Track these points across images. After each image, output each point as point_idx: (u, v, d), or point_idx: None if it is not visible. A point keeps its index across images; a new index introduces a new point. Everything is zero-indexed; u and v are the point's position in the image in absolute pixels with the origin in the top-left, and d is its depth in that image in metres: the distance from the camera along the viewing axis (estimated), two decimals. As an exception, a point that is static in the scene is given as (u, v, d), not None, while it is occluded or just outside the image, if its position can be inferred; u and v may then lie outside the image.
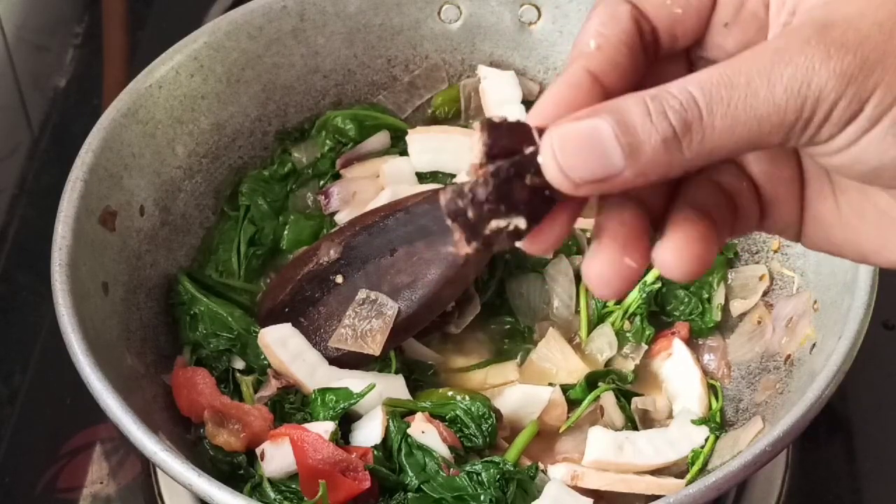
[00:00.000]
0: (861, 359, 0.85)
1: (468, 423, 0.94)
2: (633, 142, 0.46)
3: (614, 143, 0.46)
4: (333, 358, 0.97)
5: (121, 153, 0.98)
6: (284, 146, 1.10)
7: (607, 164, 0.47)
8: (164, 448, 0.81)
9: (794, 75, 0.46)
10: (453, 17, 1.11)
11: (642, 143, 0.46)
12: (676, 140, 0.47)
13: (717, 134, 0.47)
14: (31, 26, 1.40)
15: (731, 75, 0.47)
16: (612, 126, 0.46)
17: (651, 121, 0.46)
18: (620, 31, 0.50)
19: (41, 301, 1.11)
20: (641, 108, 0.47)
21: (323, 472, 0.87)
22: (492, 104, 1.10)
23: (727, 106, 0.46)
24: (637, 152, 0.46)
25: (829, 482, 1.05)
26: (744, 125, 0.47)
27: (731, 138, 0.47)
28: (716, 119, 0.46)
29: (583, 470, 0.92)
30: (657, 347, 1.01)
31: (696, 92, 0.47)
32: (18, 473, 1.06)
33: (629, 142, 0.46)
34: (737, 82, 0.47)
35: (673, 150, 0.47)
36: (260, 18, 1.06)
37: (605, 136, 0.46)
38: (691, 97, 0.47)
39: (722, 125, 0.47)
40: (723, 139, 0.47)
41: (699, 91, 0.47)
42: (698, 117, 0.46)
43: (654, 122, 0.46)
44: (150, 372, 0.96)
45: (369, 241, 1.00)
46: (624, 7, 0.51)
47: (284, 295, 1.01)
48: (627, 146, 0.46)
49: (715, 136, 0.47)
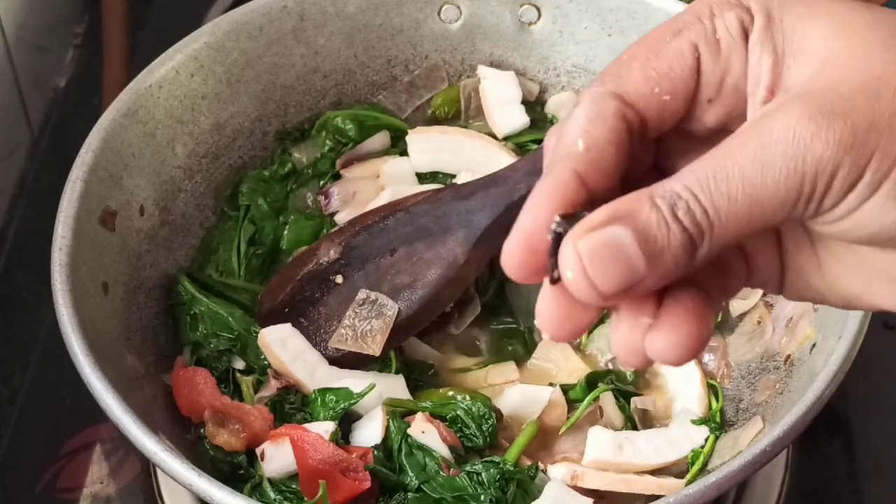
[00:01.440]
0: (861, 359, 0.85)
1: (468, 423, 0.94)
2: (653, 249, 0.47)
3: (637, 251, 0.47)
4: (333, 358, 0.97)
5: (121, 153, 0.98)
6: (284, 146, 1.10)
7: (633, 275, 0.47)
8: (164, 448, 0.81)
9: (787, 154, 0.46)
10: (453, 17, 1.11)
11: (663, 250, 0.47)
12: (692, 242, 0.47)
13: (726, 228, 0.47)
14: (31, 26, 1.40)
15: (724, 167, 0.47)
16: (632, 234, 0.47)
17: (668, 226, 0.47)
18: (607, 130, 0.50)
19: (41, 301, 1.11)
20: (655, 212, 0.47)
21: (323, 472, 0.87)
22: (492, 104, 1.10)
23: (728, 201, 0.47)
24: (658, 259, 0.47)
25: (829, 482, 1.05)
26: (748, 214, 0.47)
27: (740, 228, 0.47)
28: (721, 216, 0.47)
29: (583, 470, 0.92)
30: (657, 347, 1.01)
31: (699, 192, 0.47)
32: (18, 473, 1.06)
33: (650, 249, 0.47)
34: (732, 174, 0.47)
35: (689, 252, 0.47)
36: (260, 18, 1.06)
37: (627, 246, 0.47)
38: (695, 199, 0.47)
39: (727, 220, 0.47)
40: (733, 231, 0.47)
41: (700, 190, 0.47)
42: (705, 217, 0.47)
43: (671, 228, 0.47)
44: (150, 372, 0.96)
45: (369, 242, 1.00)
46: (611, 103, 0.50)
47: (284, 295, 1.01)
48: (649, 253, 0.47)
49: (725, 230, 0.47)
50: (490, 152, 1.07)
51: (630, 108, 0.50)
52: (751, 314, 1.01)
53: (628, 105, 0.50)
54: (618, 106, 0.50)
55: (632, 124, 0.50)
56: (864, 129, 0.47)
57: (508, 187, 0.95)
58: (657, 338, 0.49)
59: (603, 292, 0.47)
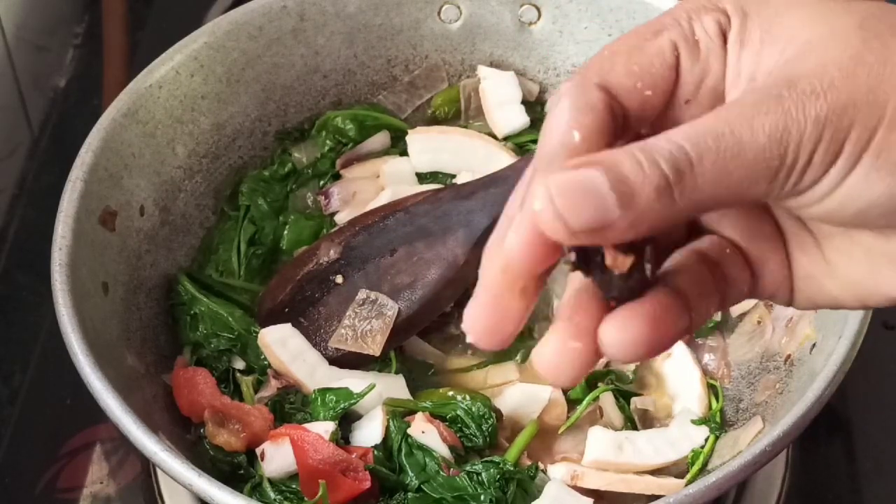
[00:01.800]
0: (861, 359, 0.85)
1: (468, 423, 0.94)
2: (626, 191, 0.46)
3: (609, 192, 0.46)
4: (333, 358, 0.97)
5: (121, 153, 0.98)
6: (284, 146, 1.10)
7: (603, 213, 0.46)
8: (164, 448, 0.81)
9: (775, 123, 0.47)
10: (453, 17, 1.11)
11: (636, 192, 0.46)
12: (669, 188, 0.47)
13: (707, 181, 0.47)
14: (31, 26, 1.40)
15: (715, 125, 0.47)
16: (605, 176, 0.46)
17: (643, 170, 0.47)
18: (600, 121, 0.50)
19: (41, 301, 1.11)
20: (632, 158, 0.47)
21: (323, 472, 0.87)
22: (492, 104, 1.10)
23: (715, 153, 0.47)
24: (631, 201, 0.46)
25: (829, 482, 1.05)
26: (732, 172, 0.47)
27: (721, 186, 0.47)
28: (705, 167, 0.47)
29: (582, 470, 0.92)
30: (657, 347, 1.01)
31: (685, 142, 0.47)
32: (18, 473, 1.06)
33: (623, 191, 0.46)
34: (722, 131, 0.47)
35: (665, 199, 0.47)
36: (260, 18, 1.06)
37: (599, 186, 0.46)
38: (681, 147, 0.47)
39: (712, 172, 0.47)
40: (713, 187, 0.47)
41: (687, 141, 0.47)
42: (689, 166, 0.47)
43: (647, 172, 0.46)
44: (150, 372, 0.96)
45: (369, 242, 1.00)
46: (598, 94, 0.50)
47: (284, 295, 1.01)
48: (622, 195, 0.46)
49: (706, 183, 0.47)
50: (490, 152, 1.07)
51: (615, 101, 0.51)
52: (751, 314, 1.01)
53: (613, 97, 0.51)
54: (605, 97, 0.50)
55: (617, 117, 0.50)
56: (842, 104, 0.47)
57: (508, 187, 0.94)
58: (607, 329, 0.49)
59: (571, 227, 0.46)
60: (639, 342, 0.49)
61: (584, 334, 0.49)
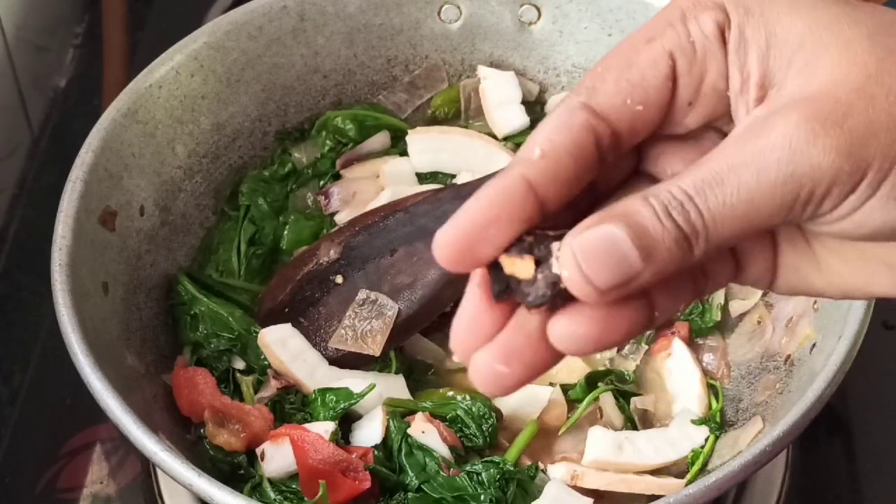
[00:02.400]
0: (861, 359, 0.85)
1: (468, 423, 0.94)
2: (648, 244, 0.47)
3: (632, 248, 0.47)
4: (333, 358, 0.97)
5: (121, 153, 0.98)
6: (284, 146, 1.11)
7: (628, 270, 0.47)
8: (164, 448, 0.81)
9: (783, 160, 0.47)
10: (453, 17, 1.11)
11: (657, 245, 0.47)
12: (687, 240, 0.47)
13: (721, 230, 0.47)
14: (31, 26, 1.40)
15: (719, 171, 0.47)
16: (625, 231, 0.47)
17: (661, 223, 0.47)
18: (570, 142, 0.49)
19: (41, 301, 1.11)
20: (648, 210, 0.47)
21: (323, 472, 0.87)
22: (492, 105, 1.10)
23: (723, 205, 0.47)
24: (653, 254, 0.47)
25: (829, 482, 1.05)
26: (744, 217, 0.47)
27: (735, 230, 0.48)
28: (716, 218, 0.47)
29: (582, 470, 0.92)
30: (657, 347, 1.01)
31: (693, 194, 0.47)
32: (18, 473, 1.06)
33: (644, 244, 0.47)
34: (728, 179, 0.47)
35: (684, 249, 0.47)
36: (260, 18, 1.06)
37: (621, 243, 0.47)
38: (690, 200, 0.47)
39: (722, 222, 0.47)
40: (728, 233, 0.47)
41: (695, 192, 0.47)
42: (700, 218, 0.47)
43: (664, 225, 0.47)
44: (150, 372, 0.96)
45: (369, 242, 1.00)
46: (580, 115, 0.50)
47: (284, 295, 1.01)
48: (642, 249, 0.47)
49: (720, 232, 0.47)
50: (490, 152, 1.07)
51: (600, 121, 0.50)
52: (751, 314, 1.01)
53: (599, 117, 0.50)
54: (586, 118, 0.50)
55: (601, 137, 0.50)
56: (862, 134, 0.47)
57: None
58: (555, 323, 0.49)
59: (599, 287, 0.47)
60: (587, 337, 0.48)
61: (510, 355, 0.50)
